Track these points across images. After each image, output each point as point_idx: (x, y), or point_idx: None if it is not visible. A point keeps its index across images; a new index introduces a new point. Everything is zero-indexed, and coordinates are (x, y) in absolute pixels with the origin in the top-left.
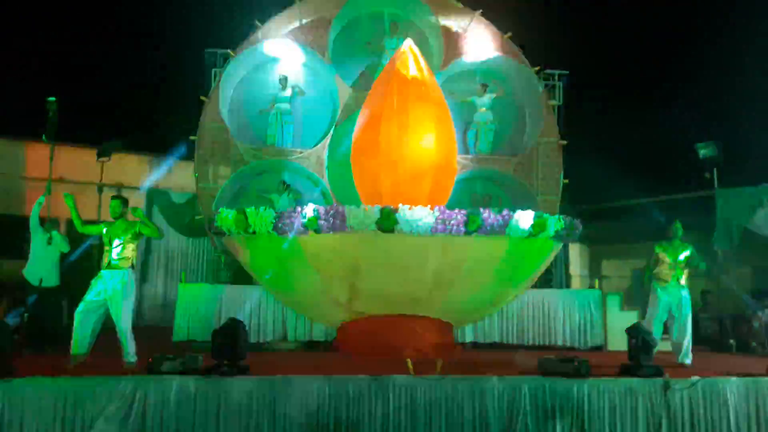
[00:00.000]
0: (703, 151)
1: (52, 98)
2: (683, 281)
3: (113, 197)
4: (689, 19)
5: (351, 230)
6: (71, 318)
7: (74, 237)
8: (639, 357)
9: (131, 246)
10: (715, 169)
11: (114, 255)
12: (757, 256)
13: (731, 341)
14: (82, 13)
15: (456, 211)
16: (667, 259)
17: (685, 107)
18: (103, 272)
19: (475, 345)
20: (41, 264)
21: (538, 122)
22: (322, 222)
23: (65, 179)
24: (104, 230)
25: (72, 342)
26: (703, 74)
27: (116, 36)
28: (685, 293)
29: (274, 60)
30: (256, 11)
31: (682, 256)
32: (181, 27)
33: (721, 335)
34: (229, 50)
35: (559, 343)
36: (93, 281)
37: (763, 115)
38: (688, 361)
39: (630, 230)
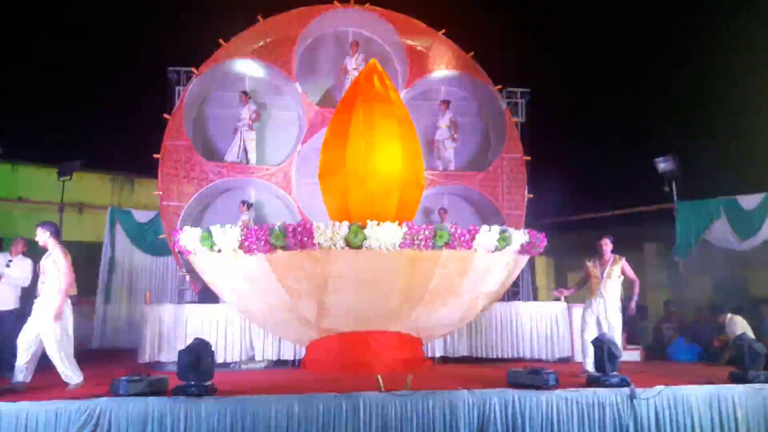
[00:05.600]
0: (662, 165)
1: None
2: (613, 293)
3: (44, 224)
4: (647, 35)
5: (319, 247)
6: None
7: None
8: (605, 367)
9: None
10: (673, 183)
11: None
12: (717, 267)
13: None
14: (43, 28)
15: (424, 226)
16: (596, 273)
17: (644, 122)
18: None
19: (444, 359)
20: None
21: (501, 139)
22: (289, 239)
23: (25, 198)
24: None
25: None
26: (662, 90)
27: (78, 53)
28: (611, 305)
29: (239, 78)
30: (219, 30)
31: (610, 270)
32: (144, 45)
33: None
34: (192, 68)
35: (527, 355)
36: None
37: (719, 129)
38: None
39: (593, 243)
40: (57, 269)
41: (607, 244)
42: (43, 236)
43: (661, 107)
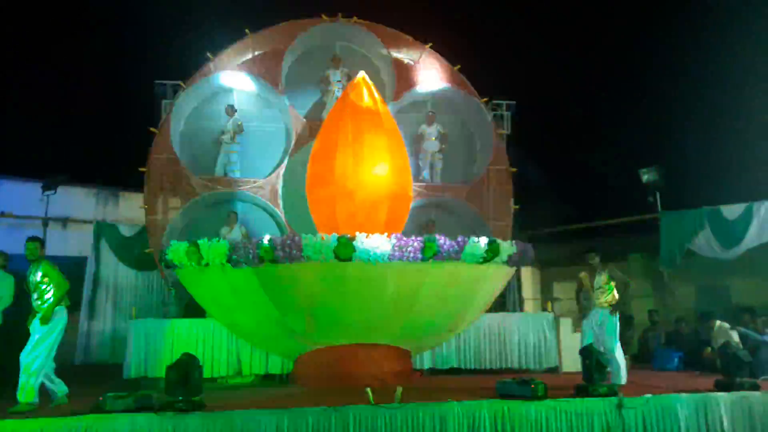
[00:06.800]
0: (646, 176)
1: None
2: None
3: (32, 239)
4: (632, 46)
5: (307, 260)
6: (12, 359)
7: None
8: (593, 377)
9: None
10: (657, 193)
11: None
12: (700, 276)
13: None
14: (27, 41)
15: (412, 238)
16: (588, 284)
17: (627, 133)
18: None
19: (433, 371)
20: None
21: (487, 151)
22: (278, 252)
23: (8, 213)
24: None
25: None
26: (645, 101)
27: (64, 65)
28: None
29: (226, 91)
30: (207, 43)
31: (600, 282)
32: (130, 57)
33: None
34: (179, 82)
35: (515, 366)
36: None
37: (702, 140)
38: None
39: (579, 253)
40: (46, 281)
41: (593, 258)
42: (38, 251)
43: (645, 118)
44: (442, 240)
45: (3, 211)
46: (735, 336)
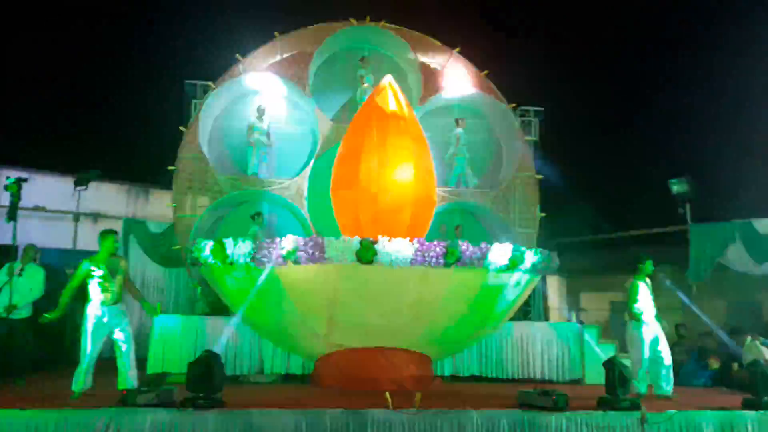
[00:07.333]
0: (676, 187)
1: (12, 179)
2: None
3: (111, 232)
4: (663, 55)
5: (330, 261)
6: (41, 350)
7: (52, 267)
8: (616, 390)
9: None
10: (687, 205)
11: (116, 289)
12: (731, 290)
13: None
14: (62, 40)
15: (435, 242)
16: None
17: (658, 142)
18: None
19: (453, 377)
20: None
21: (514, 157)
22: (300, 253)
23: (40, 207)
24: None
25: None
26: (677, 111)
27: (96, 64)
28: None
29: (255, 92)
30: (237, 44)
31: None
32: (162, 57)
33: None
34: (209, 82)
35: (538, 376)
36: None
37: (734, 151)
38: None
39: (607, 263)
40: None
41: (649, 266)
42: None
43: (676, 128)
44: (465, 246)
45: (36, 206)
46: (766, 353)
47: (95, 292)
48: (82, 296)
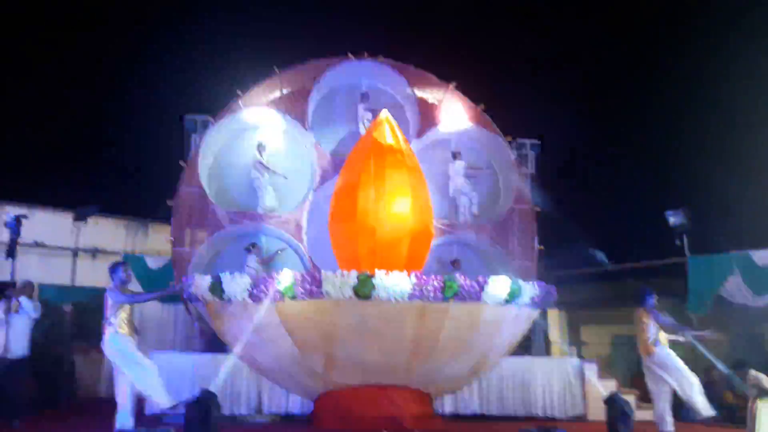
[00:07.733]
0: (673, 219)
1: (13, 216)
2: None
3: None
4: (658, 85)
5: (327, 296)
6: (41, 391)
7: (46, 302)
8: (617, 427)
9: None
10: (685, 237)
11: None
12: (732, 322)
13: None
14: (61, 75)
15: (432, 276)
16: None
17: (654, 174)
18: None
19: (455, 416)
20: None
21: (511, 190)
22: (298, 288)
23: (40, 243)
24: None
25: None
26: (674, 142)
27: (96, 99)
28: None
29: (254, 127)
30: (236, 80)
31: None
32: (161, 92)
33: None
34: (208, 116)
35: (540, 413)
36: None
37: (731, 182)
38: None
39: (606, 296)
40: None
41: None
42: None
43: (673, 159)
44: (463, 279)
45: (35, 241)
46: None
47: (121, 323)
48: (82, 334)
